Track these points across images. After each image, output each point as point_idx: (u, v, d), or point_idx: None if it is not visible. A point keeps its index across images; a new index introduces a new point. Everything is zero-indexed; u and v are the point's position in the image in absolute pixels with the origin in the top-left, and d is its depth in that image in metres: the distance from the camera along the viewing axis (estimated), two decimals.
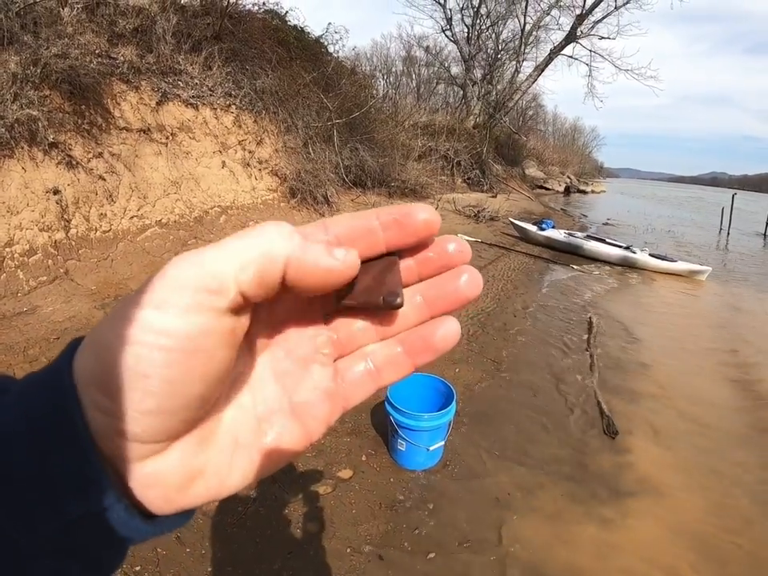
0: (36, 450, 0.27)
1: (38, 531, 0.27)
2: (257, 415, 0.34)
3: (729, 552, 3.14)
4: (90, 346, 0.29)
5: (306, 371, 0.35)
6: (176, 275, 0.27)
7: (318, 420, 0.35)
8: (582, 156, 66.53)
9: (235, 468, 0.32)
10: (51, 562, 0.28)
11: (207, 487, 0.31)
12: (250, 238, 0.29)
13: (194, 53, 9.33)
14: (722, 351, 6.67)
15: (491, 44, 30.07)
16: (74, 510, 0.28)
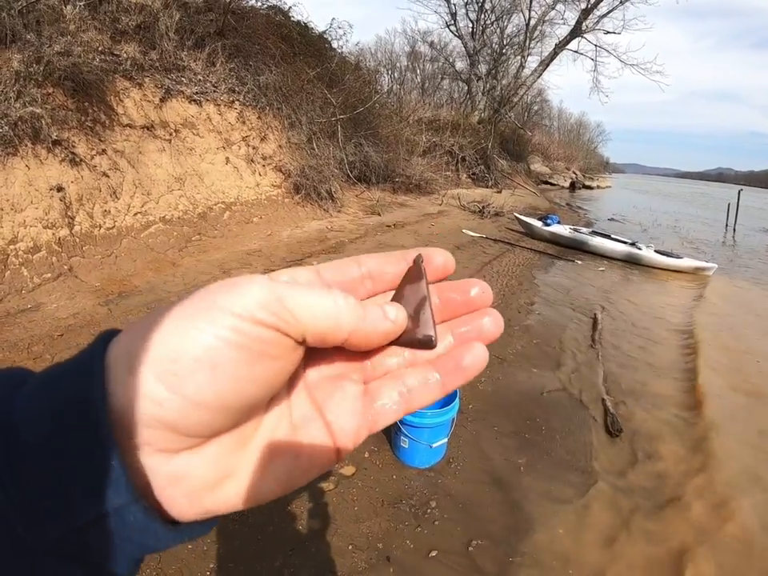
0: (53, 441, 0.26)
1: (46, 530, 0.26)
2: (292, 422, 0.34)
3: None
4: (147, 331, 0.28)
5: (337, 386, 0.36)
6: (253, 292, 0.29)
7: (346, 433, 0.35)
8: (587, 151, 66.38)
9: (270, 473, 0.32)
10: (57, 564, 0.27)
11: (238, 490, 0.31)
12: (323, 295, 0.32)
13: (197, 49, 9.33)
14: (732, 351, 6.63)
15: (496, 39, 30.00)
16: (87, 510, 0.27)
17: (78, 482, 0.26)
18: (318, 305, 0.31)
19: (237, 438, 0.31)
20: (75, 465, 0.26)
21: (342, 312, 0.32)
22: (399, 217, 12.35)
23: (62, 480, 0.26)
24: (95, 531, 0.27)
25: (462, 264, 9.03)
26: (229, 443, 0.31)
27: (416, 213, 13.41)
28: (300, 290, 0.31)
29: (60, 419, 0.27)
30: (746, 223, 22.18)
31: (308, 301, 0.30)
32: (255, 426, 0.33)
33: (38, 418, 0.27)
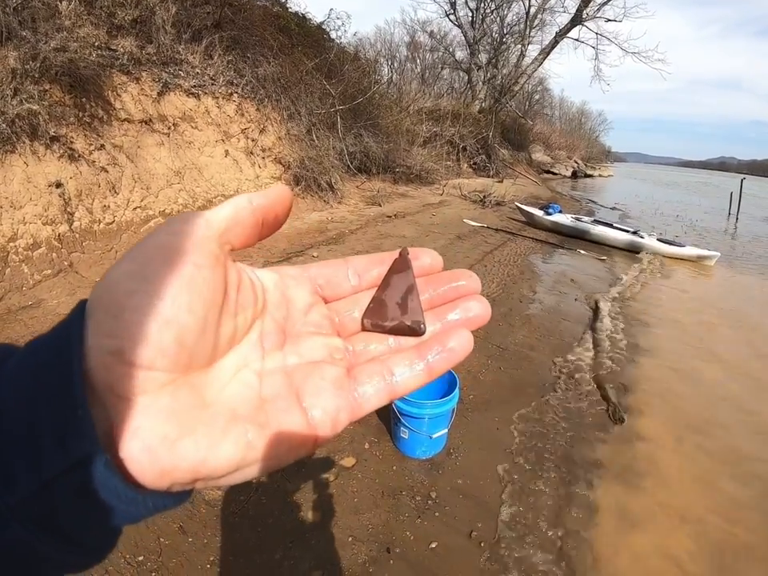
0: (29, 397, 0.27)
1: (16, 488, 0.26)
2: (261, 395, 0.34)
3: (726, 542, 3.13)
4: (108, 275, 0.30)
5: (316, 368, 0.36)
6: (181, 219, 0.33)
7: (324, 412, 0.34)
8: (589, 140, 66.06)
9: (227, 438, 0.31)
10: (22, 531, 0.27)
11: (195, 448, 0.29)
12: (224, 203, 0.36)
13: (194, 42, 9.27)
14: (733, 340, 6.62)
15: (496, 28, 29.88)
16: (54, 463, 0.26)
17: (48, 434, 0.26)
18: (222, 205, 0.36)
19: (197, 397, 0.31)
20: (49, 418, 0.27)
21: (239, 198, 0.36)
22: (400, 207, 12.32)
23: (33, 434, 0.26)
24: (62, 487, 0.27)
25: (463, 254, 9.02)
26: (188, 400, 0.30)
27: (417, 203, 13.38)
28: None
29: (38, 376, 0.28)
30: (748, 212, 22.07)
31: (216, 208, 0.35)
32: (219, 389, 0.32)
33: (18, 377, 0.28)
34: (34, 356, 0.29)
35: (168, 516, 2.81)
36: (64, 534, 0.28)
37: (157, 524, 2.75)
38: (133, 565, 2.51)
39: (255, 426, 0.32)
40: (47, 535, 0.27)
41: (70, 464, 0.27)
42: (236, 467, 0.31)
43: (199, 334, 0.31)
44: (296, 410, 0.34)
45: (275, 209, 0.37)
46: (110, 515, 0.29)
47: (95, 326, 0.28)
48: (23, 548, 0.27)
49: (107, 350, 0.28)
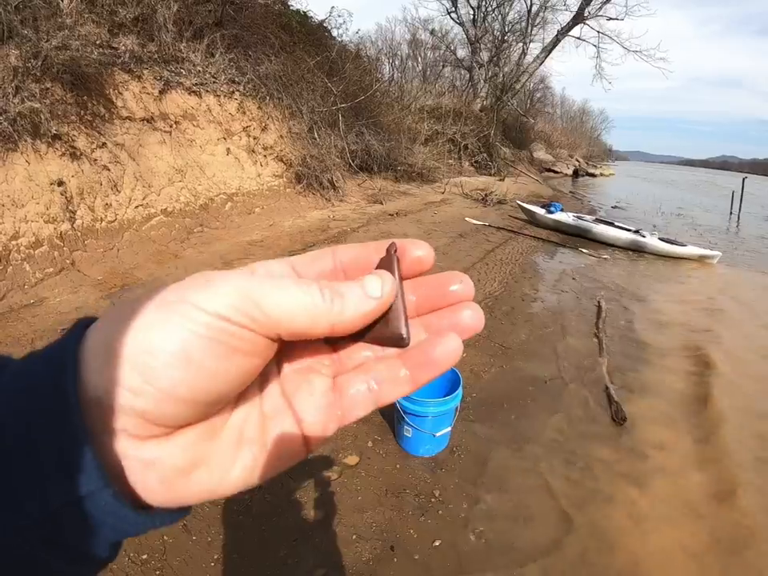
0: (27, 428, 0.27)
1: (22, 514, 0.27)
2: (263, 413, 0.34)
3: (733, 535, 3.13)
4: (123, 323, 0.29)
5: (305, 379, 0.36)
6: (224, 292, 0.29)
7: (314, 427, 0.35)
8: (590, 139, 65.98)
9: (238, 462, 0.32)
10: (31, 549, 0.27)
11: (210, 476, 0.31)
12: (298, 292, 0.31)
13: (195, 40, 9.28)
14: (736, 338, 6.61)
15: (497, 26, 29.81)
16: (60, 495, 0.27)
17: (51, 468, 0.27)
18: (293, 303, 0.30)
19: (208, 428, 0.31)
20: (48, 451, 0.27)
21: (319, 309, 0.31)
22: (402, 205, 12.32)
23: (35, 465, 0.27)
24: (68, 514, 0.27)
25: (465, 252, 9.01)
26: (201, 432, 0.31)
27: (418, 201, 13.37)
28: (276, 288, 0.30)
29: (33, 406, 0.28)
30: (750, 211, 22.03)
31: (283, 300, 0.30)
32: (227, 416, 0.33)
33: (12, 404, 0.28)
34: (28, 381, 0.29)
35: None
36: (73, 550, 0.29)
37: None
38: (137, 563, 2.51)
39: (259, 446, 0.33)
40: (58, 552, 0.28)
41: (76, 498, 0.27)
42: (242, 487, 0.33)
43: (225, 404, 0.32)
44: (293, 425, 0.35)
45: (351, 330, 0.34)
46: (116, 534, 0.30)
47: (116, 376, 0.28)
48: (34, 565, 0.28)
49: (130, 406, 0.28)
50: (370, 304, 0.33)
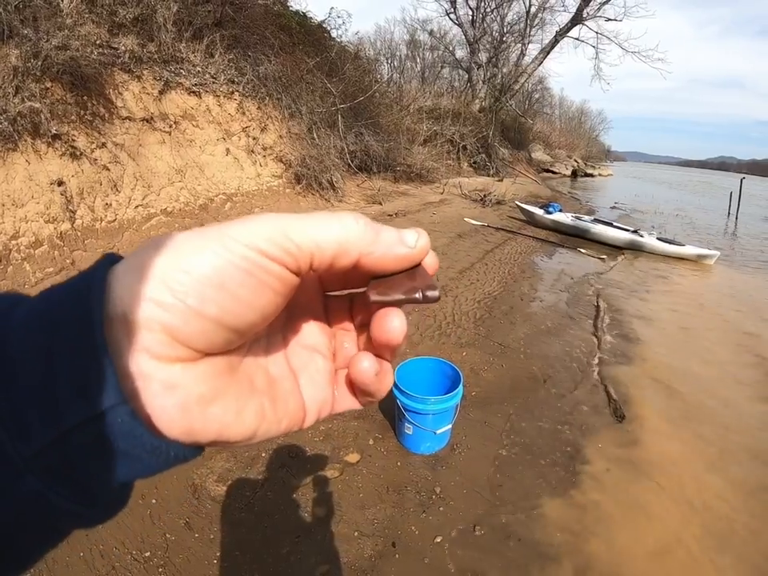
0: (45, 345, 0.27)
1: (31, 439, 0.26)
2: (269, 373, 0.36)
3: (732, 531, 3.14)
4: (161, 248, 0.29)
5: (311, 357, 0.39)
6: (266, 224, 0.31)
7: (313, 403, 0.37)
8: (588, 139, 65.97)
9: (250, 407, 0.33)
10: (38, 483, 0.26)
11: (225, 412, 0.31)
12: (331, 221, 0.33)
13: (195, 40, 9.28)
14: (732, 337, 6.63)
15: (496, 27, 29.85)
16: (75, 412, 0.26)
17: (67, 384, 0.26)
18: (324, 232, 0.32)
19: (227, 364, 0.32)
20: (66, 366, 0.26)
21: (351, 232, 0.33)
22: (401, 206, 12.32)
23: (52, 381, 0.26)
24: (81, 436, 0.27)
25: (464, 252, 9.02)
26: (221, 366, 0.31)
27: (417, 202, 13.38)
28: (307, 220, 0.32)
29: (54, 323, 0.27)
30: (748, 211, 22.06)
31: (313, 229, 0.31)
32: (240, 359, 0.34)
33: (33, 322, 0.28)
34: (49, 302, 0.29)
35: (174, 512, 2.82)
36: (79, 485, 0.28)
37: (163, 520, 2.76)
38: (139, 561, 2.51)
39: (269, 400, 0.34)
40: (62, 487, 0.27)
41: (90, 415, 0.27)
42: (250, 435, 0.33)
43: (245, 337, 0.32)
44: (297, 393, 0.37)
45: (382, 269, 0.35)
46: (128, 465, 0.29)
47: (146, 290, 0.28)
48: (37, 500, 0.27)
49: (157, 320, 0.28)
50: (402, 249, 0.35)
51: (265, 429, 0.34)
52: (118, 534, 2.65)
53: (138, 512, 2.79)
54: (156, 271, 0.28)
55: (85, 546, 2.53)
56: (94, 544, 2.56)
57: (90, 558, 2.49)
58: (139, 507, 2.82)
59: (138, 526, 2.71)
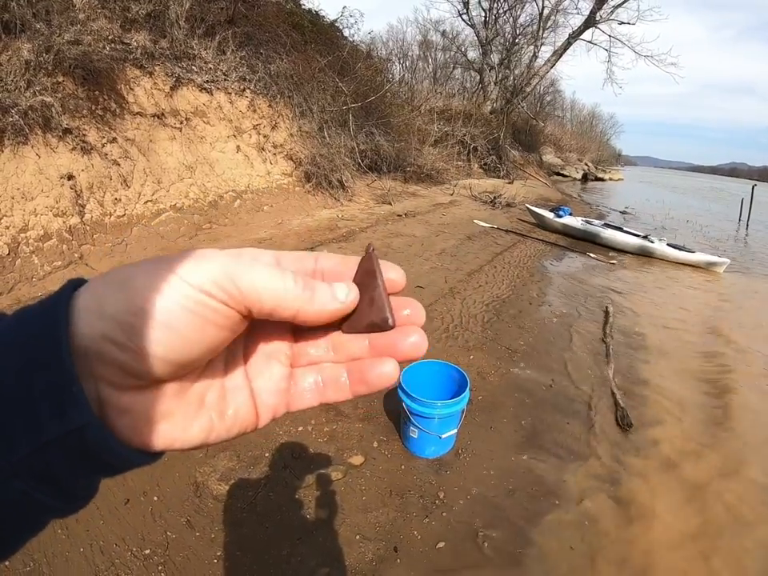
0: (23, 369, 0.30)
1: (15, 448, 0.30)
2: (224, 386, 0.39)
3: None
4: (117, 285, 0.33)
5: (267, 364, 0.41)
6: (209, 268, 0.33)
7: (266, 407, 0.41)
8: (599, 143, 65.78)
9: (197, 422, 0.37)
10: (23, 484, 0.31)
11: (172, 429, 0.35)
12: (275, 277, 0.35)
13: (207, 37, 9.30)
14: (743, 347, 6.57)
15: (509, 28, 29.72)
16: (52, 429, 0.30)
17: (46, 403, 0.30)
18: (266, 285, 0.35)
19: (178, 388, 0.35)
20: (43, 389, 0.30)
21: (289, 293, 0.36)
22: (410, 206, 12.30)
23: (31, 399, 0.30)
24: (58, 447, 0.31)
25: (473, 254, 8.99)
26: (170, 390, 0.35)
27: (427, 202, 13.35)
28: (253, 270, 0.35)
29: (29, 350, 0.31)
30: (759, 219, 21.87)
31: (258, 281, 0.34)
32: (193, 380, 0.37)
33: (10, 348, 0.31)
34: (24, 326, 0.32)
35: (175, 510, 2.81)
36: (59, 485, 0.32)
37: (164, 518, 2.75)
38: (139, 558, 2.50)
39: (217, 413, 0.38)
40: (44, 487, 0.32)
41: (67, 430, 0.30)
42: (199, 443, 0.37)
43: (194, 367, 0.36)
44: (249, 401, 0.40)
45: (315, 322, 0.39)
46: (99, 468, 0.34)
47: (104, 330, 0.31)
48: (22, 499, 0.31)
49: (113, 357, 0.31)
50: (335, 304, 0.38)
51: (215, 436, 0.38)
52: (118, 530, 2.63)
53: (140, 509, 2.78)
54: (111, 311, 0.31)
55: (85, 542, 2.52)
56: (94, 540, 2.55)
57: (89, 554, 2.48)
58: (141, 504, 2.81)
59: (138, 522, 2.70)
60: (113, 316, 0.31)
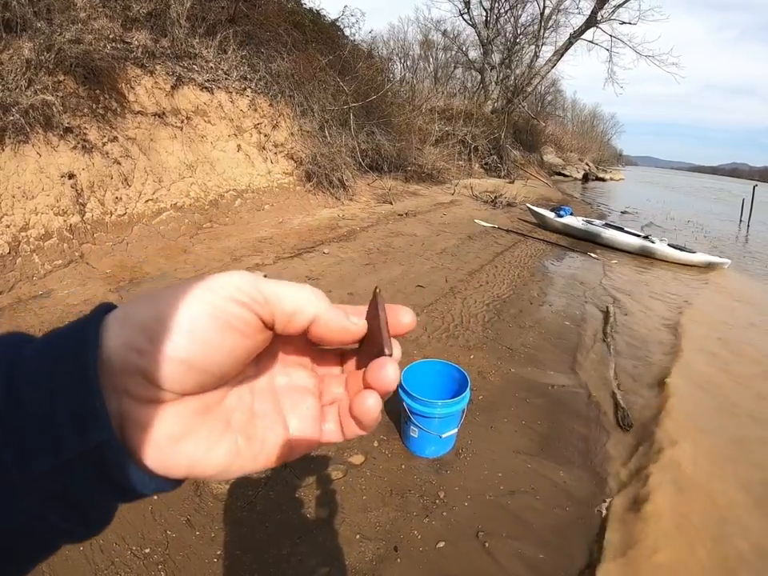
0: (49, 384, 0.30)
1: (33, 466, 0.29)
2: (252, 410, 0.39)
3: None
4: (145, 299, 0.34)
5: (303, 397, 0.42)
6: (234, 277, 0.35)
7: (303, 437, 0.41)
8: (600, 143, 65.78)
9: (223, 443, 0.36)
10: (38, 504, 0.30)
11: (195, 449, 0.34)
12: (297, 287, 0.38)
13: (208, 36, 9.30)
14: (745, 347, 6.56)
15: (510, 28, 29.73)
16: (73, 445, 0.30)
17: (67, 420, 0.30)
18: (287, 290, 0.37)
19: (202, 404, 0.35)
20: (66, 405, 0.30)
21: (309, 297, 0.37)
22: (411, 206, 12.29)
23: (53, 417, 0.30)
24: (77, 466, 0.30)
25: (473, 254, 8.99)
26: (194, 406, 0.35)
27: (428, 202, 13.35)
28: (276, 282, 0.37)
29: (56, 366, 0.31)
30: (760, 219, 21.84)
31: (279, 288, 0.36)
32: (219, 399, 0.37)
33: (39, 363, 0.31)
34: (52, 347, 0.32)
35: (175, 509, 2.80)
36: (73, 507, 0.32)
37: (164, 517, 2.75)
38: (139, 557, 2.50)
39: (244, 438, 0.37)
40: (58, 508, 0.31)
41: (87, 447, 0.30)
42: (223, 469, 0.36)
43: (218, 380, 0.35)
44: (279, 429, 0.40)
45: (331, 338, 0.39)
46: (116, 491, 0.33)
47: (127, 339, 0.32)
48: (36, 518, 0.31)
49: (133, 364, 0.31)
50: (346, 323, 0.39)
51: (239, 464, 0.37)
52: (118, 529, 2.63)
53: (139, 508, 2.78)
54: (135, 319, 0.32)
55: (84, 541, 2.52)
56: (93, 539, 2.54)
57: (89, 553, 2.48)
58: (140, 503, 2.81)
59: (138, 521, 2.70)
60: (136, 323, 0.32)
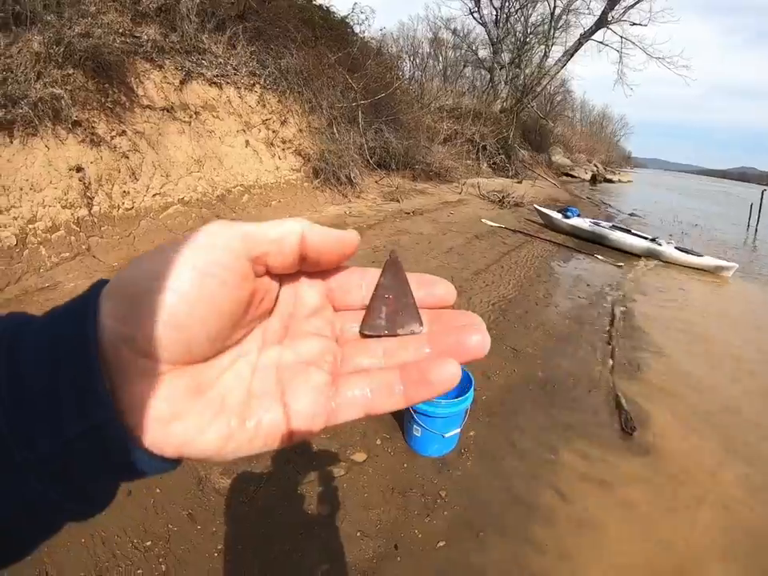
0: (50, 365, 0.30)
1: (37, 447, 0.29)
2: (250, 390, 0.36)
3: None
4: (130, 265, 0.33)
5: (305, 371, 0.38)
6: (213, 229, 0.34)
7: (301, 417, 0.36)
8: (609, 144, 65.58)
9: (214, 426, 0.34)
10: (41, 484, 0.30)
11: (185, 430, 0.33)
12: (276, 220, 0.36)
13: (218, 32, 9.30)
14: (748, 351, 6.53)
15: (520, 27, 29.60)
16: (74, 427, 0.30)
17: (68, 400, 0.29)
18: (269, 222, 0.35)
19: (194, 384, 0.33)
20: (66, 385, 0.30)
21: (292, 221, 0.36)
22: (418, 204, 12.28)
23: (53, 399, 0.29)
24: (79, 446, 0.30)
25: (480, 253, 8.97)
26: (184, 386, 0.33)
27: (435, 200, 13.33)
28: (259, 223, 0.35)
29: (56, 346, 0.30)
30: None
31: (261, 224, 0.35)
32: (213, 379, 0.35)
33: (38, 345, 0.31)
34: (53, 326, 0.32)
35: (177, 503, 2.81)
36: (76, 486, 0.32)
37: (166, 510, 2.75)
38: (140, 550, 2.51)
39: (238, 419, 0.35)
40: (61, 487, 0.31)
41: (89, 427, 0.30)
42: (215, 452, 0.34)
43: (208, 341, 0.33)
44: (277, 409, 0.36)
45: (329, 251, 0.38)
46: (117, 470, 0.33)
47: (112, 309, 0.31)
48: (39, 498, 0.30)
49: (120, 334, 0.30)
50: (340, 231, 0.38)
51: (233, 447, 0.34)
52: (120, 521, 2.64)
53: (142, 501, 2.79)
54: (117, 287, 0.32)
55: (86, 533, 2.53)
56: (95, 530, 2.55)
57: (91, 545, 2.48)
58: (143, 496, 2.82)
59: (140, 514, 2.71)
60: (117, 291, 0.32)
